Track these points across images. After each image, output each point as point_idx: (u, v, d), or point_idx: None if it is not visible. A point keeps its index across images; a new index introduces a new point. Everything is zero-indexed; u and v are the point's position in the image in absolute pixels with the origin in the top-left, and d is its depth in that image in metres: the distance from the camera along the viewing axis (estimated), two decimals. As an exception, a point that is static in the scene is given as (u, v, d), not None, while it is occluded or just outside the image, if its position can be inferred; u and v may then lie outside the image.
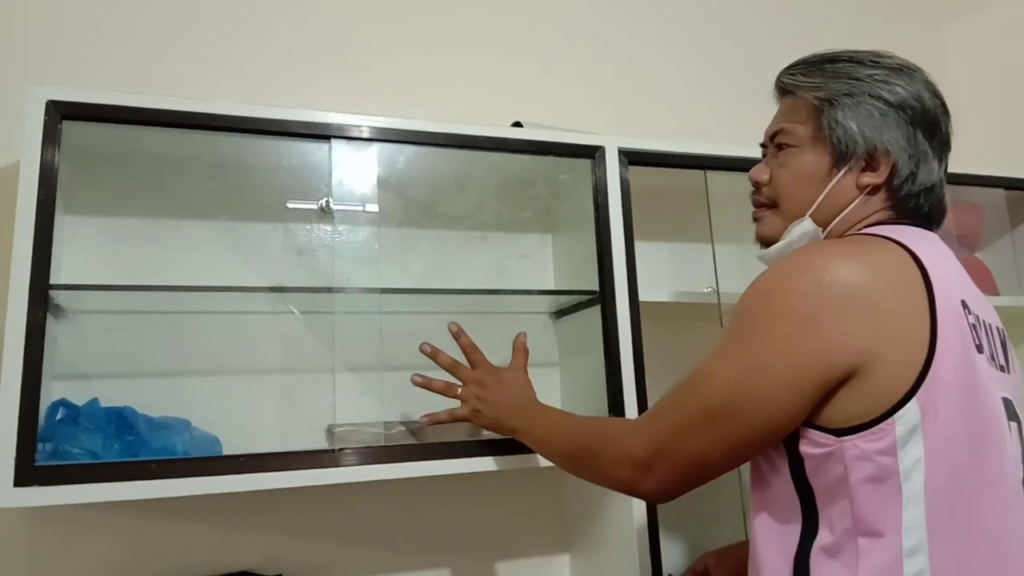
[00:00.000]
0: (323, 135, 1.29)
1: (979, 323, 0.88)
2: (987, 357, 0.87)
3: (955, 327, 0.82)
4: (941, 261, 0.88)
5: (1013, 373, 0.94)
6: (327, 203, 1.32)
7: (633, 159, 1.47)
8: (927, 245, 0.88)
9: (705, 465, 0.88)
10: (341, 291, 1.31)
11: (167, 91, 1.32)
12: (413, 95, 1.68)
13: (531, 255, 1.68)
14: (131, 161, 1.38)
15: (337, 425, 1.31)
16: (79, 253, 1.31)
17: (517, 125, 1.53)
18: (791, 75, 1.00)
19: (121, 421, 1.21)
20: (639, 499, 0.90)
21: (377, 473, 1.21)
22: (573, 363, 1.59)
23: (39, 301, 1.08)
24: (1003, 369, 0.91)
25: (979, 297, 0.92)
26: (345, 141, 1.31)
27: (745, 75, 2.03)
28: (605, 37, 1.93)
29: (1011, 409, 0.88)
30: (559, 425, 1.12)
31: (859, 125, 0.93)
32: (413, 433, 1.36)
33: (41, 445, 1.07)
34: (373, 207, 1.34)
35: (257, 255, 1.45)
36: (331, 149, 1.30)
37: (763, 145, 1.05)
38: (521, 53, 1.83)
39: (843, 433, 0.80)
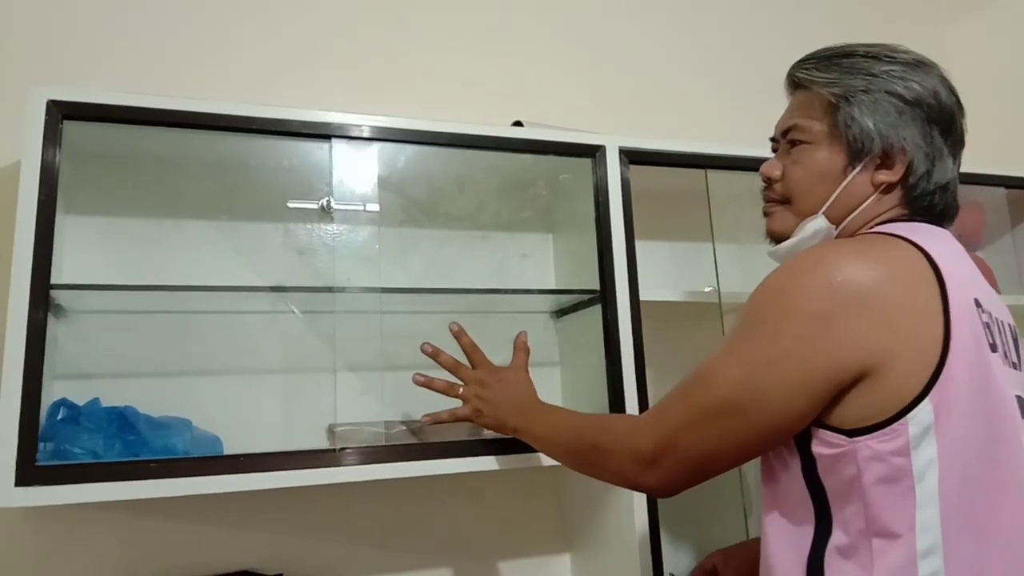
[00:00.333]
0: (324, 135, 1.29)
1: (992, 321, 0.87)
2: (1001, 355, 0.86)
3: (969, 326, 0.81)
4: (954, 259, 0.87)
5: None
6: (328, 203, 1.32)
7: (634, 158, 1.47)
8: (940, 243, 0.87)
9: (710, 461, 0.88)
10: (342, 291, 1.31)
11: (168, 91, 1.32)
12: (414, 94, 1.68)
13: (531, 254, 1.68)
14: (132, 161, 1.38)
15: (338, 425, 1.31)
16: (80, 253, 1.30)
17: (518, 124, 1.53)
18: (805, 69, 0.98)
19: (122, 421, 1.21)
20: (643, 493, 0.90)
21: (377, 473, 1.21)
22: (574, 362, 1.58)
23: (40, 301, 1.08)
24: (1015, 367, 0.90)
25: (992, 295, 0.92)
26: (345, 140, 1.30)
27: (746, 74, 2.03)
28: (606, 36, 1.93)
29: None
30: (561, 423, 1.12)
31: (875, 123, 0.92)
32: (414, 433, 1.36)
33: (42, 445, 1.07)
34: (374, 207, 1.34)
35: (258, 255, 1.45)
36: (332, 149, 1.30)
37: (773, 140, 1.04)
38: (522, 52, 1.83)
39: (856, 433, 0.80)
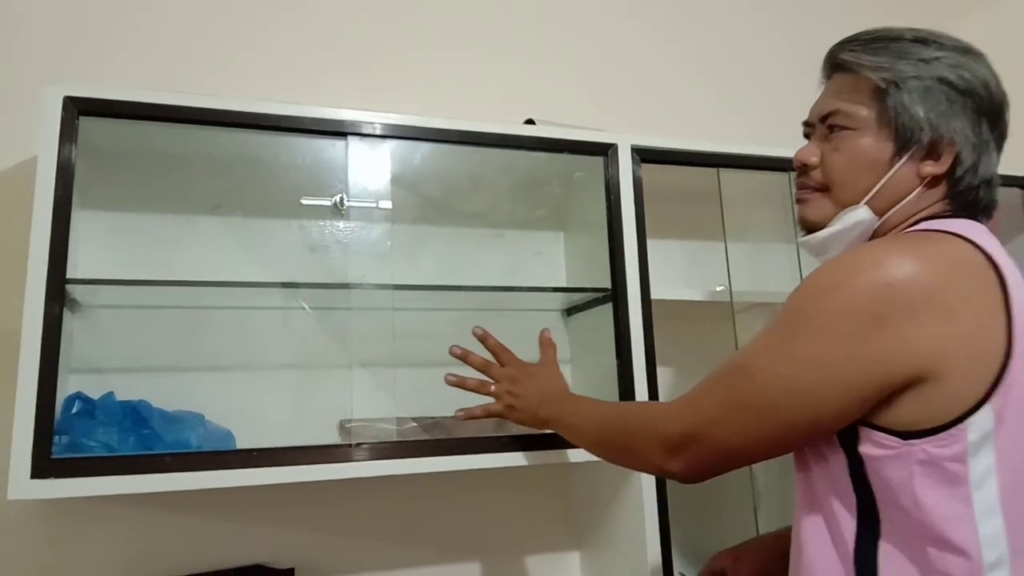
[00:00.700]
0: (338, 132, 1.29)
1: None
2: None
3: None
4: (1007, 258, 0.83)
5: None
6: (341, 200, 1.32)
7: (646, 157, 1.47)
8: (991, 241, 0.84)
9: (739, 454, 0.87)
10: (355, 287, 1.31)
11: (182, 88, 1.33)
12: (427, 92, 1.68)
13: (543, 253, 1.68)
14: (145, 157, 1.39)
15: (350, 420, 1.32)
16: (93, 249, 1.32)
17: (530, 122, 1.53)
18: (852, 51, 0.93)
19: (136, 415, 1.22)
20: (670, 479, 0.89)
21: (389, 468, 1.21)
22: (585, 361, 1.58)
23: (56, 295, 1.09)
24: None
25: None
26: (359, 138, 1.31)
27: (758, 74, 2.02)
28: (618, 35, 1.93)
29: None
30: (593, 411, 1.12)
31: (926, 111, 0.87)
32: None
33: (57, 438, 1.08)
34: (387, 204, 1.34)
35: (271, 251, 1.46)
36: (347, 146, 1.30)
37: (808, 124, 0.99)
38: (535, 51, 1.83)
39: (910, 436, 0.77)
